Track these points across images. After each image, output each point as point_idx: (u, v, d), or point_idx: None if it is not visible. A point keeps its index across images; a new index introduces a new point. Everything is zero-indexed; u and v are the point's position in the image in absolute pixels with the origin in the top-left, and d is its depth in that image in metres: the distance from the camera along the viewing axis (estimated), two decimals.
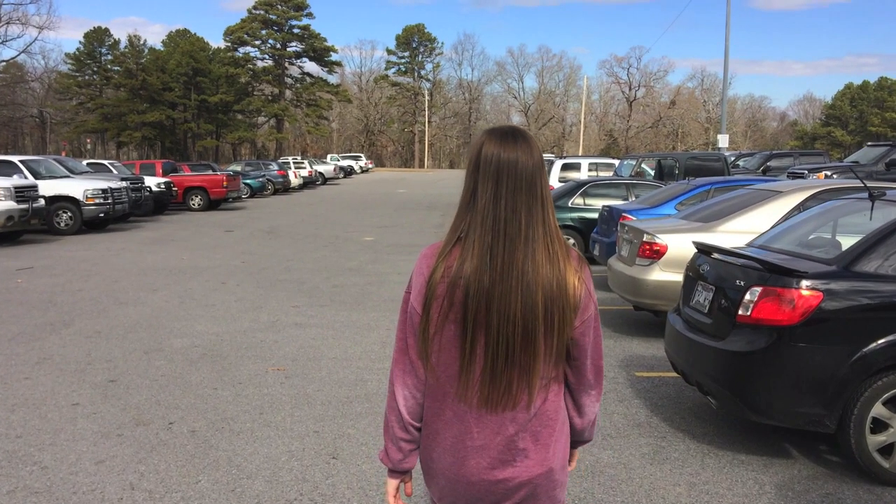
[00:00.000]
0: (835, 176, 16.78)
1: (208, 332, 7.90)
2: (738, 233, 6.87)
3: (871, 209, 4.57)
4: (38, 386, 5.98)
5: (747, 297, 4.22)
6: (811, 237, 5.18)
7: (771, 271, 4.15)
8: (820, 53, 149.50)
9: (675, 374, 6.10)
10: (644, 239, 7.32)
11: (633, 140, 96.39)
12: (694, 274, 5.09)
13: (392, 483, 1.94)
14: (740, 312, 4.25)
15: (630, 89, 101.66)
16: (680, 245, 7.14)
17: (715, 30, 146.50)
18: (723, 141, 32.23)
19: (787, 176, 17.29)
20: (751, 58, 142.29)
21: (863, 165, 18.13)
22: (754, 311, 4.15)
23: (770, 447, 4.61)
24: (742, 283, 4.29)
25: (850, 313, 4.01)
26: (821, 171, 17.14)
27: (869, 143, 22.12)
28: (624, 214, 9.92)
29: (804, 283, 4.05)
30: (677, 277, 7.02)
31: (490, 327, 1.74)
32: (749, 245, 5.29)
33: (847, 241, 4.94)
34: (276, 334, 7.80)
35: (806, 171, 17.55)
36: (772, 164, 23.52)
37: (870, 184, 4.68)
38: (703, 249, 5.11)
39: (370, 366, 6.59)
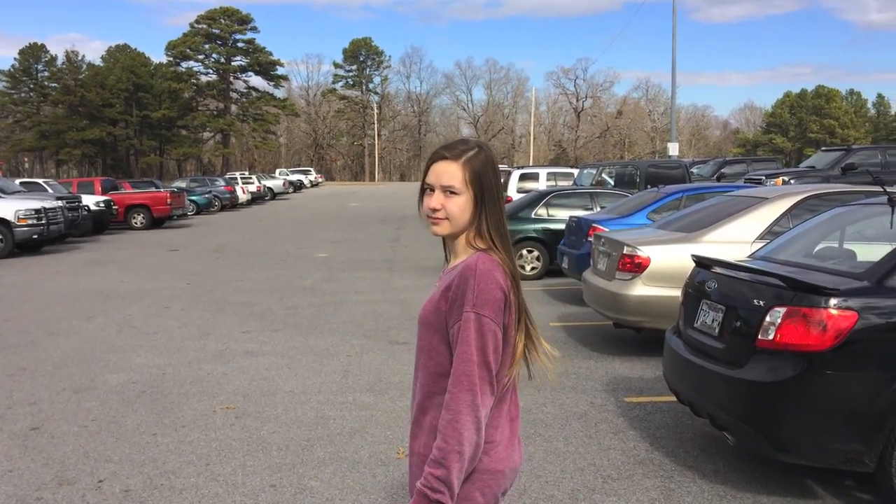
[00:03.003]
0: (792, 181, 16.67)
1: (148, 364, 7.12)
2: (725, 242, 6.41)
3: (893, 216, 4.10)
4: None
5: (768, 318, 3.70)
6: (819, 248, 4.72)
7: (795, 289, 3.64)
8: (757, 64, 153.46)
9: (669, 399, 5.58)
10: (624, 251, 6.82)
11: (581, 150, 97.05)
12: (695, 291, 4.57)
13: None
14: (760, 336, 3.72)
15: (577, 100, 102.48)
16: (663, 257, 6.65)
17: (657, 42, 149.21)
18: (673, 149, 32.26)
19: (744, 182, 17.12)
20: (692, 69, 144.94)
21: (818, 170, 18.08)
22: (778, 334, 3.63)
23: (791, 485, 4.09)
24: (761, 303, 3.77)
25: (889, 335, 3.52)
26: (778, 177, 17.03)
27: (823, 148, 22.26)
28: (594, 225, 9.43)
29: (833, 301, 3.54)
30: (661, 292, 6.56)
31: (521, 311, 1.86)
32: (752, 257, 4.80)
33: (861, 251, 4.49)
34: (224, 365, 7.06)
35: (763, 178, 17.43)
36: (726, 171, 23.49)
37: (890, 189, 4.24)
38: (703, 263, 4.60)
39: (331, 400, 5.91)
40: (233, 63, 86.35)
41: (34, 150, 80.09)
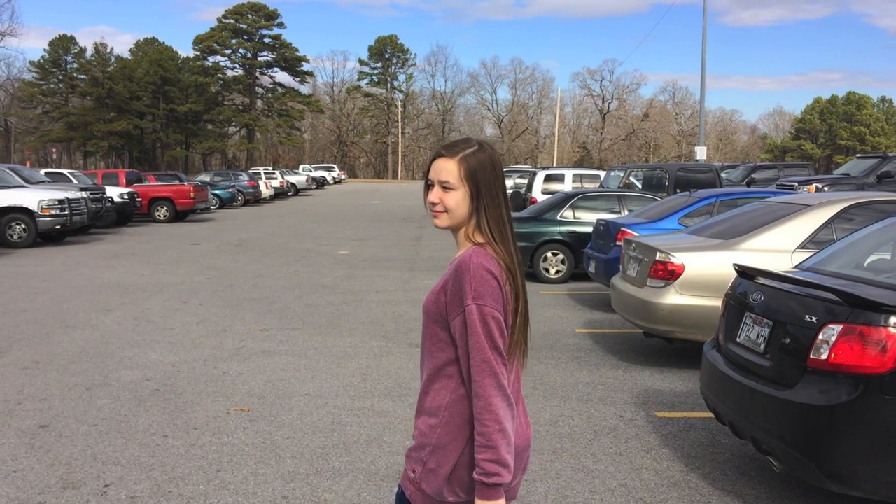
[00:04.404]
0: (826, 188, 16.23)
1: (163, 361, 6.96)
2: (764, 251, 6.11)
3: None
4: None
5: (821, 336, 3.42)
6: (870, 259, 4.41)
7: (852, 305, 3.36)
8: (787, 68, 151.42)
9: (703, 415, 5.31)
10: (657, 258, 6.53)
11: (606, 152, 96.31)
12: (738, 303, 4.28)
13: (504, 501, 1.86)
14: (812, 355, 3.45)
15: (603, 102, 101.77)
16: (698, 265, 6.36)
17: (685, 45, 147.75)
18: (700, 153, 31.76)
19: (776, 188, 16.72)
20: (720, 73, 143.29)
21: (853, 177, 17.62)
22: (832, 354, 3.35)
23: None
24: (813, 319, 3.49)
25: None
26: (811, 184, 16.60)
27: (859, 155, 21.71)
28: (624, 229, 9.14)
29: (894, 319, 3.26)
30: (696, 301, 6.28)
31: (521, 302, 1.95)
32: (799, 268, 4.51)
33: None
34: (240, 364, 6.88)
35: (796, 184, 17.01)
36: (756, 176, 23.05)
37: None
38: (746, 273, 4.32)
39: (349, 405, 5.70)
40: (259, 58, 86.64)
41: (62, 141, 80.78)
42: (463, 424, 1.89)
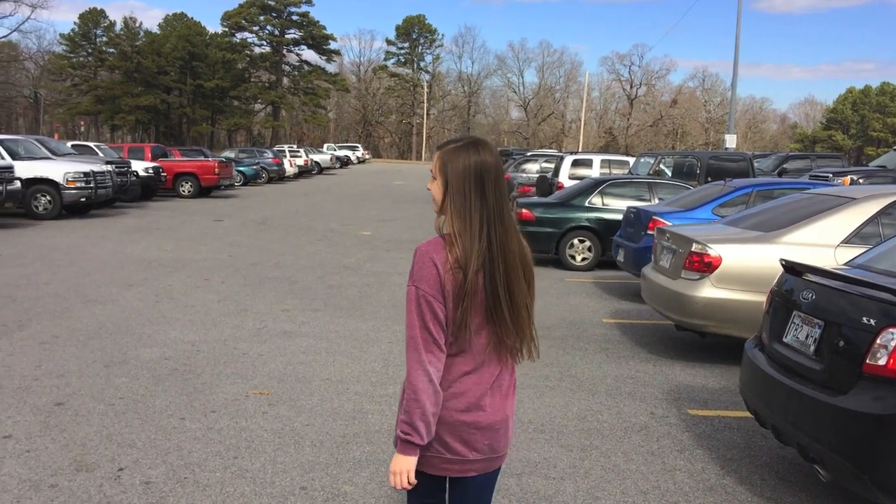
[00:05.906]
0: (861, 180, 15.81)
1: (183, 340, 6.85)
2: (806, 245, 5.85)
3: None
4: None
5: (879, 340, 3.19)
6: None
7: None
8: (819, 57, 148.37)
9: (738, 414, 5.10)
10: (693, 248, 6.29)
11: (632, 138, 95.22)
12: (784, 301, 4.05)
13: (414, 460, 2.05)
14: (868, 361, 3.22)
15: (631, 87, 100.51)
16: (736, 257, 6.11)
17: (716, 31, 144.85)
18: (730, 141, 31.11)
19: (810, 179, 16.30)
20: (750, 60, 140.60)
21: (890, 170, 17.15)
22: (891, 360, 3.12)
23: None
24: (871, 322, 3.26)
25: None
26: (847, 176, 16.17)
27: None
28: (656, 218, 8.87)
29: None
30: (732, 295, 6.05)
31: (508, 294, 2.07)
32: (850, 265, 4.26)
33: None
34: (260, 345, 6.75)
35: (830, 175, 16.59)
36: (788, 166, 22.57)
37: None
38: (794, 269, 4.08)
39: (370, 391, 5.54)
40: (286, 36, 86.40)
41: (90, 114, 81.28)
42: None
